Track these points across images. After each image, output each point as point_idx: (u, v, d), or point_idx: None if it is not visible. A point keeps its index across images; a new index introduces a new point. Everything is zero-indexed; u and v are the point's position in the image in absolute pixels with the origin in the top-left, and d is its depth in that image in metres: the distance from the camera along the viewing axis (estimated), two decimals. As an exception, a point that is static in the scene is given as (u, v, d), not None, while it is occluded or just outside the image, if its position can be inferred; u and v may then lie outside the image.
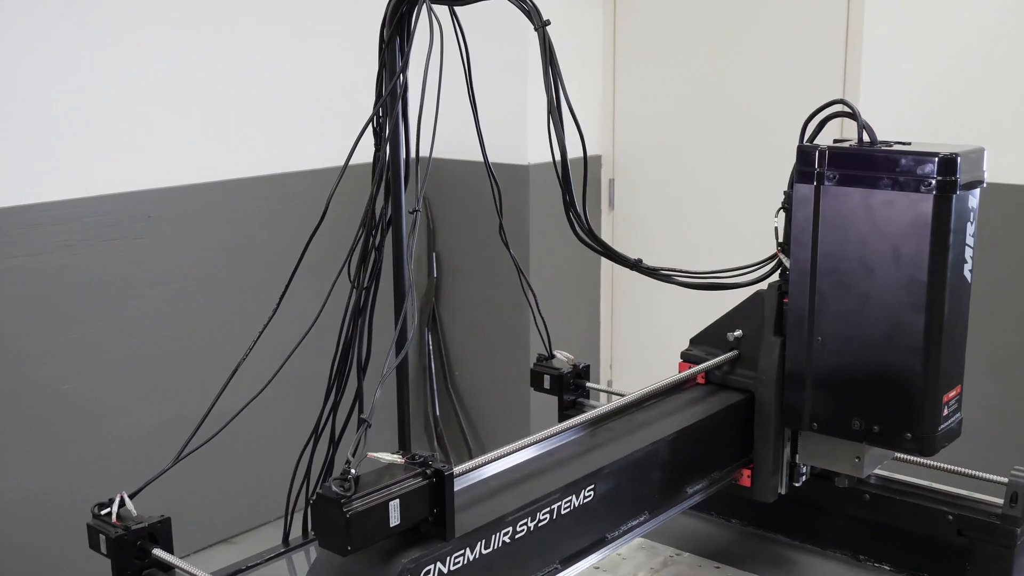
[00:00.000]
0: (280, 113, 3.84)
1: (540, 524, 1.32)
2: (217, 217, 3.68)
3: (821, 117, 1.67)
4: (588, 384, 1.91)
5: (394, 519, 1.13)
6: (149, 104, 3.47)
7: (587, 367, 1.94)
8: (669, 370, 1.81)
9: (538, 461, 1.42)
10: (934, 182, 1.46)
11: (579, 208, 1.63)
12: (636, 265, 1.72)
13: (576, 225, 1.65)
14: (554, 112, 1.59)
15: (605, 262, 4.38)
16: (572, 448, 1.47)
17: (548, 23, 1.62)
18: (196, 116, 3.60)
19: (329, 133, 3.95)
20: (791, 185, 1.70)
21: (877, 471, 1.76)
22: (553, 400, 1.96)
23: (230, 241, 3.73)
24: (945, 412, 1.57)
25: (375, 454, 1.21)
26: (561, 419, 1.87)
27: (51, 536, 3.30)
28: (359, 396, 1.75)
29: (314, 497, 1.15)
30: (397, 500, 1.14)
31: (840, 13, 3.51)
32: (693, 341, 1.83)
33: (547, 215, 4.12)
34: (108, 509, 1.35)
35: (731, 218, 3.95)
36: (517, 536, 1.28)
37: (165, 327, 3.57)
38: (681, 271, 1.72)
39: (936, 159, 1.46)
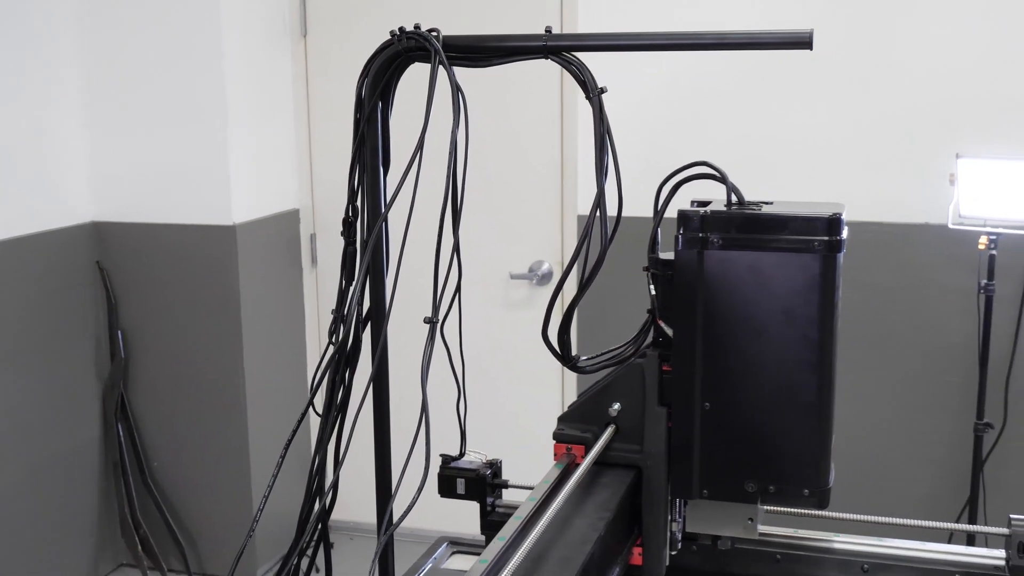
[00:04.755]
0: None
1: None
2: None
3: (679, 179, 1.71)
4: (510, 483, 1.80)
5: None
6: None
7: (500, 463, 1.82)
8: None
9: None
10: (821, 242, 1.54)
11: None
12: (574, 364, 1.70)
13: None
14: (601, 182, 1.50)
15: (309, 323, 4.23)
16: (520, 567, 1.37)
17: (604, 90, 1.53)
18: None
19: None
20: (652, 248, 1.72)
21: (862, 542, 1.84)
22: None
23: None
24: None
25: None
26: (484, 527, 1.75)
27: None
28: (325, 540, 1.55)
29: None
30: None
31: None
32: (562, 419, 1.79)
33: (258, 279, 3.89)
34: None
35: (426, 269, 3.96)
36: None
37: None
38: (585, 358, 1.71)
39: (823, 220, 1.54)
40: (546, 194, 3.84)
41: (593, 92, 1.59)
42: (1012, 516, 1.75)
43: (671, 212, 1.66)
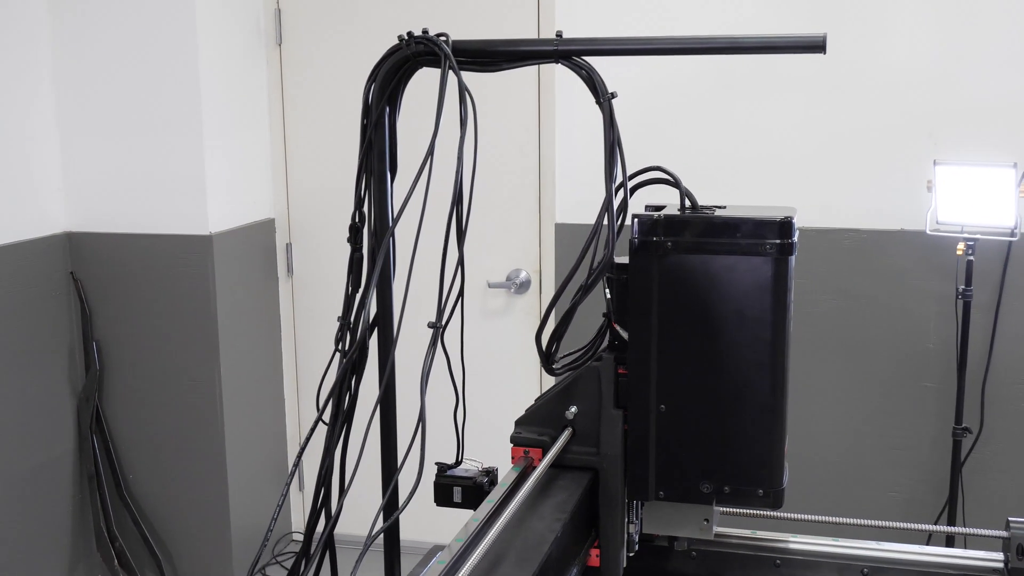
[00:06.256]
0: None
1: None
2: None
3: (634, 183, 1.75)
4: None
5: None
6: None
7: (496, 471, 1.85)
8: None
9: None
10: (774, 245, 1.59)
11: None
12: (551, 368, 1.74)
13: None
14: (610, 188, 1.53)
15: (285, 333, 4.27)
16: (479, 567, 1.41)
17: (615, 95, 1.56)
18: None
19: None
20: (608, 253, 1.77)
21: (861, 546, 1.88)
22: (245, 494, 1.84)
23: None
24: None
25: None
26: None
27: None
28: (330, 553, 1.58)
29: None
30: None
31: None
32: (519, 423, 1.83)
33: (234, 289, 3.93)
34: None
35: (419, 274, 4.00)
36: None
37: None
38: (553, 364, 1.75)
39: (775, 223, 1.59)
40: (523, 202, 3.89)
41: (603, 96, 1.62)
42: (1011, 519, 1.79)
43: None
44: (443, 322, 1.56)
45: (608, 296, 1.73)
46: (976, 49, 3.39)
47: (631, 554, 1.82)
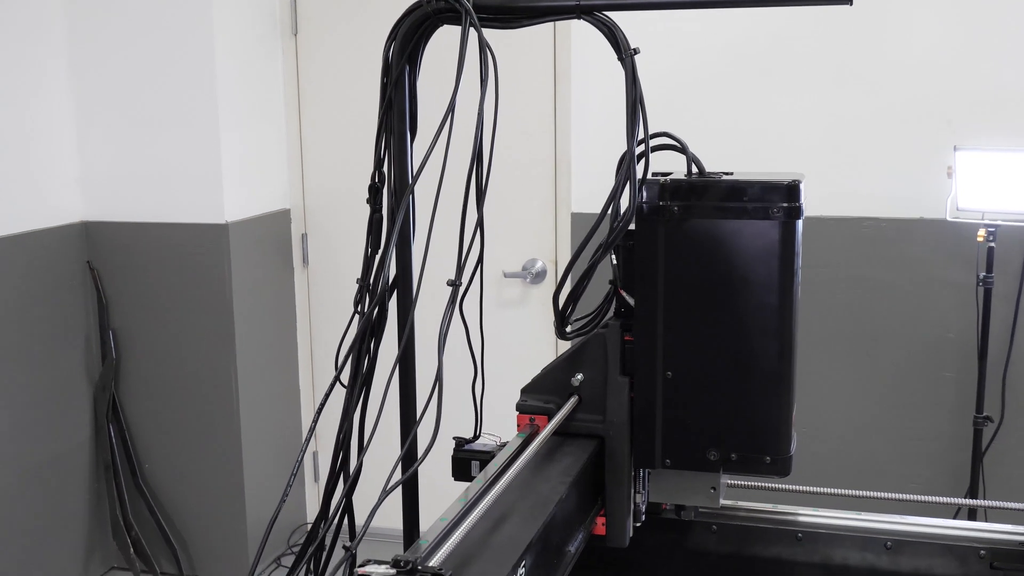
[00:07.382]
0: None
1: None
2: None
3: (640, 150, 1.75)
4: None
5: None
6: None
7: None
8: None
9: (466, 545, 1.35)
10: (781, 209, 1.59)
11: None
12: (564, 332, 1.76)
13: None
14: (631, 145, 1.54)
15: (300, 324, 4.29)
16: (483, 525, 1.41)
17: (637, 51, 1.56)
18: None
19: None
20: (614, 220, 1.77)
21: (885, 519, 1.87)
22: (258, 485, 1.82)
23: None
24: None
25: (363, 569, 1.14)
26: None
27: None
28: (349, 514, 1.59)
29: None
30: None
31: (547, 54, 3.73)
32: (525, 391, 1.83)
33: (250, 279, 3.96)
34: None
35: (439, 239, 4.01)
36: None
37: None
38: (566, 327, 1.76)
39: (782, 187, 1.59)
40: (539, 192, 3.90)
41: (626, 53, 1.62)
42: None
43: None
44: (462, 280, 1.55)
45: (614, 263, 1.74)
46: (995, 35, 3.37)
47: (638, 524, 1.82)
